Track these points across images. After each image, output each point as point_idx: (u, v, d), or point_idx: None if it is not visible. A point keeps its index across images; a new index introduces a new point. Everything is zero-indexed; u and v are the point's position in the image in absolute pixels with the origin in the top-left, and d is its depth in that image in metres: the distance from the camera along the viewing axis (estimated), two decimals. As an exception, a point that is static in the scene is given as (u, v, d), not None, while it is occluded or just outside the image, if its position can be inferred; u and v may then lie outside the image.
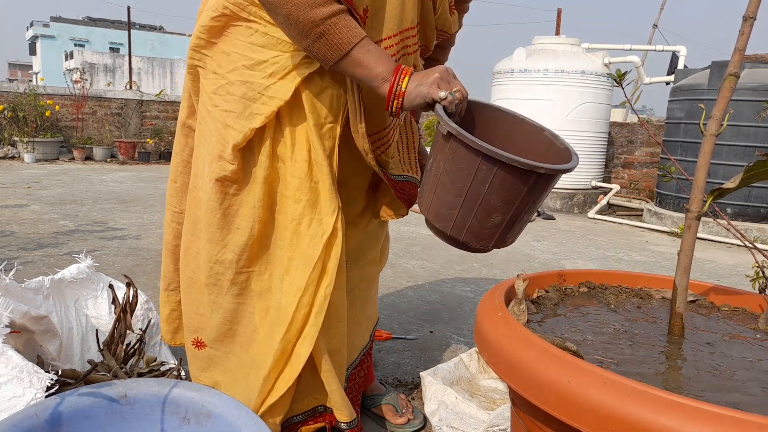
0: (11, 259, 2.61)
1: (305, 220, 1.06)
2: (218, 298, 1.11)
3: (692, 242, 0.81)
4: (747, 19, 0.78)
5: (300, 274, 1.07)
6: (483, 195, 0.88)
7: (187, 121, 1.18)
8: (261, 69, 1.01)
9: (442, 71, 0.94)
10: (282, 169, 1.07)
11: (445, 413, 1.34)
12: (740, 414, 0.51)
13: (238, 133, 1.02)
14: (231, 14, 1.01)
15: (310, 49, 0.93)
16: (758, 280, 1.09)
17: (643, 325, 0.85)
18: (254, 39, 1.01)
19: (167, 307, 1.28)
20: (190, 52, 1.08)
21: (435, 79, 0.93)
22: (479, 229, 0.93)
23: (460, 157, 0.88)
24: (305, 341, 1.08)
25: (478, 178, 0.87)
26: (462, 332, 2.08)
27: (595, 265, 3.31)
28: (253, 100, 1.01)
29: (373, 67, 0.93)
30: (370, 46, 0.93)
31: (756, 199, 4.45)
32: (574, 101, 5.42)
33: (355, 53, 0.92)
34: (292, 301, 1.07)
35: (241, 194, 1.06)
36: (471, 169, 0.87)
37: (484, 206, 0.90)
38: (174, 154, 1.23)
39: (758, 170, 0.77)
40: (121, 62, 23.88)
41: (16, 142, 7.24)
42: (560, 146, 0.99)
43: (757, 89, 4.28)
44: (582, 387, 0.60)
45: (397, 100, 0.94)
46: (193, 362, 1.19)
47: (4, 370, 0.88)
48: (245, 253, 1.08)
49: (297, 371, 1.09)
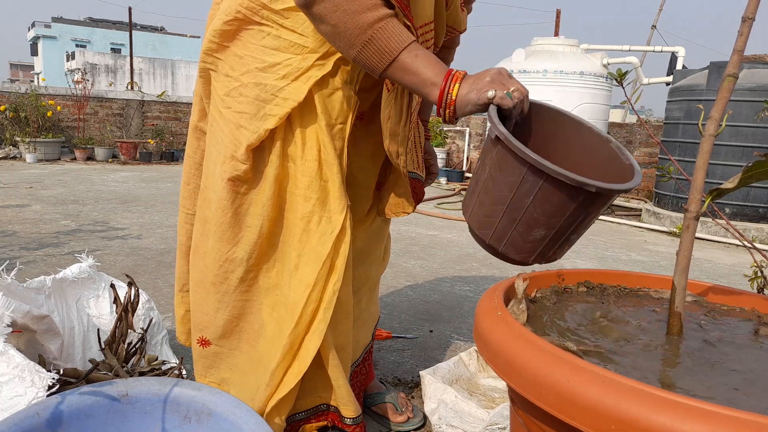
0: (13, 258, 2.61)
1: (315, 217, 1.08)
2: (225, 297, 1.12)
3: (691, 242, 0.82)
4: (746, 20, 0.78)
5: (309, 271, 1.08)
6: (526, 207, 0.82)
7: (198, 124, 1.20)
8: (274, 71, 1.02)
9: (494, 73, 0.88)
10: (292, 169, 1.08)
11: (444, 412, 1.34)
12: (740, 413, 0.52)
13: (252, 134, 1.03)
14: (244, 18, 1.02)
15: (359, 58, 0.92)
16: (756, 280, 1.09)
17: (641, 324, 0.85)
18: (267, 42, 1.02)
19: (182, 308, 1.30)
20: (202, 56, 1.10)
21: (486, 83, 0.87)
22: (520, 241, 0.87)
23: (506, 164, 0.82)
24: (314, 336, 1.10)
25: (523, 188, 0.81)
26: (461, 331, 2.09)
27: (593, 265, 3.32)
28: (267, 102, 1.03)
29: (421, 72, 0.89)
30: (419, 50, 0.90)
31: (754, 199, 4.45)
32: (573, 102, 5.42)
33: (403, 58, 0.89)
34: (301, 297, 1.08)
35: (252, 193, 1.08)
36: (516, 178, 0.81)
37: (526, 218, 0.83)
38: (186, 157, 1.25)
39: (757, 170, 0.78)
40: (123, 63, 23.90)
41: (17, 142, 7.24)
42: (625, 162, 0.89)
43: (755, 90, 4.29)
44: (581, 386, 0.60)
45: (449, 109, 0.89)
46: (198, 361, 1.20)
47: (5, 370, 0.88)
48: (255, 251, 1.09)
49: (305, 366, 1.10)
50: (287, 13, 1.01)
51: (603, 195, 0.80)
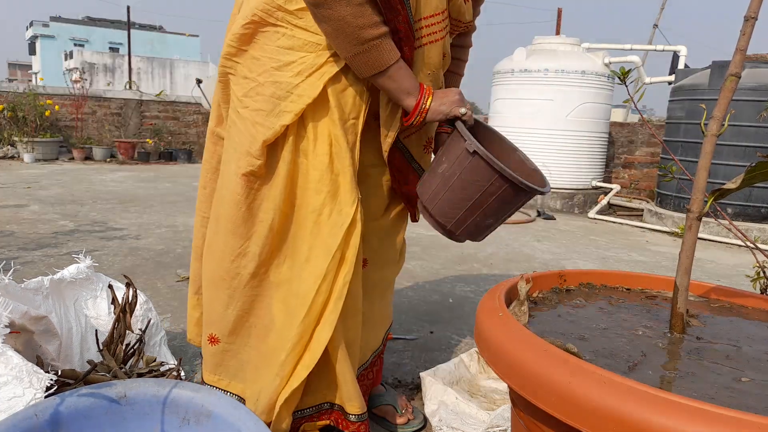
0: (11, 259, 2.61)
1: (326, 210, 1.11)
2: (236, 292, 1.14)
3: (693, 242, 0.81)
4: (748, 19, 0.78)
5: (320, 263, 1.11)
6: (488, 204, 1.05)
7: (215, 129, 1.25)
8: (289, 69, 1.06)
9: (459, 93, 1.11)
10: (303, 164, 1.11)
11: (445, 413, 1.34)
12: (740, 414, 0.51)
13: (268, 130, 1.07)
14: (259, 20, 1.07)
15: (351, 61, 1.02)
16: (759, 280, 1.09)
17: (643, 325, 0.85)
18: (282, 42, 1.07)
19: (197, 311, 1.32)
20: (222, 60, 1.14)
21: (456, 100, 1.09)
22: (474, 228, 1.11)
23: (478, 172, 1.03)
24: (324, 327, 1.11)
25: (489, 190, 1.03)
26: (462, 332, 2.08)
27: (595, 266, 3.31)
28: (282, 99, 1.07)
29: (402, 82, 1.06)
30: (402, 65, 1.05)
31: (756, 199, 4.45)
32: (574, 101, 5.41)
33: (390, 71, 1.04)
34: (312, 288, 1.10)
35: (264, 189, 1.11)
36: (485, 182, 1.03)
37: (485, 211, 1.07)
38: (204, 161, 1.29)
39: (760, 171, 0.77)
40: (121, 62, 23.88)
41: (15, 142, 7.24)
42: (531, 167, 1.17)
43: (758, 89, 4.28)
44: (582, 387, 0.59)
45: (421, 116, 1.09)
46: (207, 359, 1.21)
47: (3, 371, 0.87)
48: (267, 245, 1.12)
49: (316, 357, 1.11)
50: (301, 13, 1.04)
51: (532, 193, 1.06)
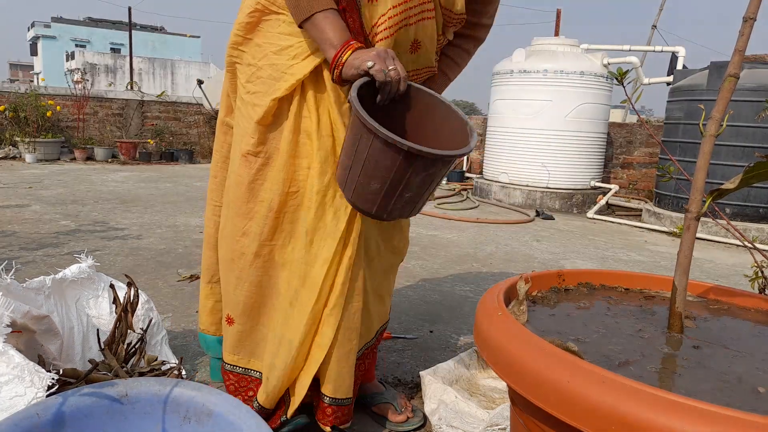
0: (12, 258, 2.61)
1: (330, 192, 1.13)
2: (242, 273, 1.17)
3: (691, 242, 0.82)
4: (747, 20, 0.78)
5: (326, 246, 1.13)
6: (365, 159, 0.99)
7: (225, 119, 1.29)
8: (286, 53, 1.11)
9: (380, 50, 1.02)
10: (308, 145, 1.13)
11: (444, 412, 1.34)
12: (740, 414, 0.52)
13: (262, 109, 1.11)
14: (263, 9, 1.12)
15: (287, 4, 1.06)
16: (757, 280, 1.09)
17: (642, 325, 0.85)
18: (282, 29, 1.11)
19: (210, 300, 1.35)
20: (229, 50, 1.18)
21: (371, 56, 1.00)
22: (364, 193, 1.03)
23: (358, 129, 0.97)
24: (334, 310, 1.14)
25: (362, 147, 0.98)
26: (462, 332, 2.08)
27: (594, 265, 3.32)
28: (277, 80, 1.11)
29: (327, 32, 1.03)
30: (330, 15, 1.03)
31: (755, 199, 4.45)
32: (573, 102, 5.42)
33: (316, 18, 1.03)
34: (320, 272, 1.13)
35: (266, 169, 1.14)
36: (356, 140, 0.98)
37: (367, 173, 0.99)
38: (214, 151, 1.33)
39: (758, 171, 0.78)
40: (122, 63, 23.90)
41: (17, 142, 7.24)
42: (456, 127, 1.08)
43: (756, 90, 4.28)
44: (582, 386, 0.60)
45: (337, 69, 1.03)
46: (226, 339, 1.25)
47: (5, 370, 0.88)
48: (267, 224, 1.14)
49: (329, 340, 1.14)
50: None
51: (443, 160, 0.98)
